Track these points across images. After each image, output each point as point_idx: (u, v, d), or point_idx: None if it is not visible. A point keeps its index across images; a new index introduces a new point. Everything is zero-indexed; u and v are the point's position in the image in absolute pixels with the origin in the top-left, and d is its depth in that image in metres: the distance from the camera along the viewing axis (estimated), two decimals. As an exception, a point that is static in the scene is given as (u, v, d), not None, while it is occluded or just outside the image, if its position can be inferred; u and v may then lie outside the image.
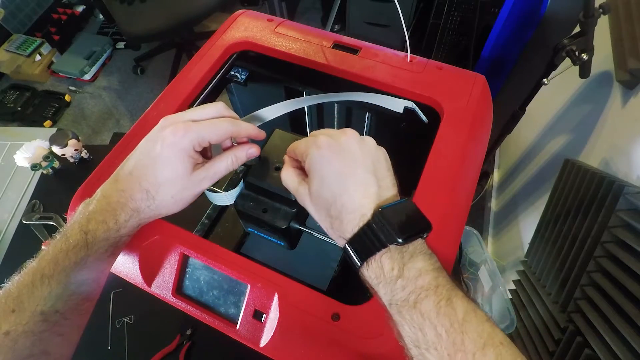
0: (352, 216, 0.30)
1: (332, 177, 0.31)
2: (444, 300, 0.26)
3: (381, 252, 0.28)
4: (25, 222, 0.78)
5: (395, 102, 0.47)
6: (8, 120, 1.88)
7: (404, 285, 0.27)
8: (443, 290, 0.26)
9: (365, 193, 0.30)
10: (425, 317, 0.26)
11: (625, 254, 0.59)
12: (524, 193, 1.18)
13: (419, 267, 0.28)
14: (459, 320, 0.25)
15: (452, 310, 0.25)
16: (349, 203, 0.30)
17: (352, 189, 0.30)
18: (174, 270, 0.39)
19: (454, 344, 0.24)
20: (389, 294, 0.28)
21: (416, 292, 0.26)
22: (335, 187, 0.31)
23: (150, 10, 1.62)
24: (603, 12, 0.68)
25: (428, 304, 0.26)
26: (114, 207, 0.33)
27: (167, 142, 0.33)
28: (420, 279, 0.27)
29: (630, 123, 0.72)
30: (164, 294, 0.40)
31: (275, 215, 0.40)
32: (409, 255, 0.28)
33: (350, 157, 0.32)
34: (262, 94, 0.66)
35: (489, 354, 0.24)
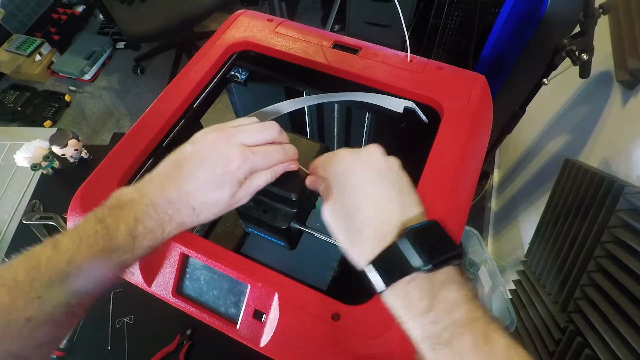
0: (374, 233, 0.28)
1: (354, 188, 0.29)
2: (481, 336, 0.24)
3: (407, 279, 0.26)
4: (25, 222, 0.78)
5: (395, 102, 0.47)
6: (8, 120, 1.88)
7: (435, 320, 0.25)
8: (479, 324, 0.24)
9: (391, 209, 0.28)
10: (461, 354, 0.24)
11: (625, 254, 0.59)
12: (524, 193, 1.18)
13: (452, 299, 0.25)
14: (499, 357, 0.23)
15: (491, 347, 0.23)
16: (371, 218, 0.28)
17: (375, 203, 0.28)
18: (174, 270, 0.39)
19: None
20: (418, 329, 0.25)
21: (450, 329, 0.24)
22: (357, 200, 0.29)
23: (150, 10, 1.62)
24: (603, 12, 0.68)
25: (464, 342, 0.24)
26: (162, 218, 0.33)
27: (223, 170, 0.33)
28: (455, 313, 0.24)
29: (630, 123, 0.72)
30: (164, 294, 0.40)
31: (275, 215, 0.40)
32: (440, 285, 0.25)
33: (374, 169, 0.30)
34: (262, 94, 0.66)
35: None
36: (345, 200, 0.29)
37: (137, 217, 0.31)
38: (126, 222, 0.31)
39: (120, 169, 0.43)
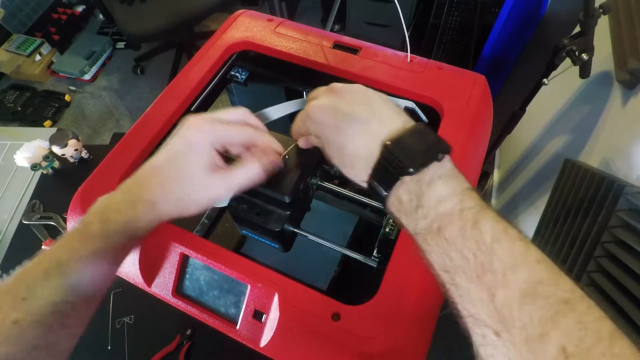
0: (362, 161, 0.30)
1: (332, 135, 0.32)
2: (470, 223, 0.25)
3: (396, 186, 0.28)
4: (25, 222, 0.78)
5: (395, 102, 0.47)
6: (8, 120, 1.88)
7: (425, 215, 0.26)
8: (469, 213, 0.25)
9: (368, 133, 0.30)
10: (450, 242, 0.25)
11: (625, 254, 0.59)
12: (524, 193, 1.18)
13: (439, 194, 0.26)
14: (486, 242, 0.24)
15: (479, 232, 0.24)
16: (355, 150, 0.30)
17: (353, 136, 0.30)
18: (174, 270, 0.39)
19: (482, 266, 0.23)
20: (412, 225, 0.27)
21: (438, 219, 0.26)
22: (339, 142, 0.31)
23: (150, 10, 1.62)
24: (603, 12, 0.68)
25: (452, 230, 0.25)
26: (132, 199, 0.33)
27: (188, 138, 0.33)
28: (442, 206, 0.26)
29: (630, 123, 0.72)
30: (164, 294, 0.40)
31: (268, 217, 0.40)
32: (427, 184, 0.27)
33: (340, 108, 0.32)
34: (262, 94, 0.66)
35: (520, 271, 0.23)
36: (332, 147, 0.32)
37: (108, 204, 0.32)
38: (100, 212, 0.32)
39: (120, 169, 0.43)
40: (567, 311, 0.21)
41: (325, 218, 0.65)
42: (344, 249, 0.43)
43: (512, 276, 0.23)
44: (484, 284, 0.23)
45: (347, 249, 0.43)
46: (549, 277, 0.23)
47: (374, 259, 0.42)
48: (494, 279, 0.23)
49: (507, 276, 0.23)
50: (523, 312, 0.22)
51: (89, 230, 0.31)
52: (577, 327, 0.21)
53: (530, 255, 0.24)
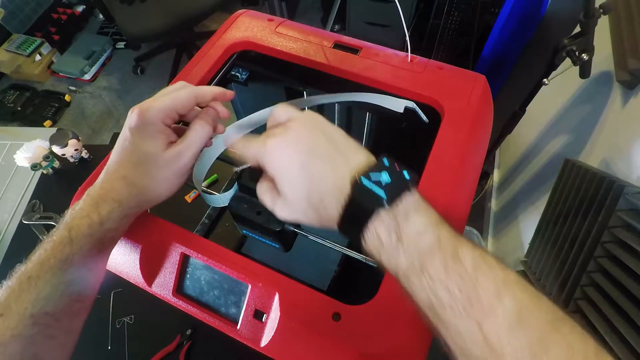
0: (332, 197, 0.28)
1: (295, 172, 0.29)
2: (450, 255, 0.24)
3: (372, 222, 0.26)
4: (25, 222, 0.78)
5: (395, 102, 0.47)
6: (8, 120, 1.88)
7: (405, 251, 0.25)
8: (447, 244, 0.25)
9: (334, 169, 0.28)
10: (434, 279, 0.24)
11: (625, 254, 0.59)
12: (524, 193, 1.18)
13: (417, 227, 0.26)
14: (469, 272, 0.24)
15: (461, 264, 0.24)
16: (324, 187, 0.28)
17: (320, 172, 0.28)
18: (175, 270, 0.39)
19: (468, 298, 0.23)
20: (393, 263, 0.26)
21: (419, 256, 0.25)
22: (304, 179, 0.29)
23: (150, 10, 1.62)
24: (603, 12, 0.68)
25: (435, 265, 0.24)
26: (96, 201, 0.33)
27: (134, 123, 0.33)
28: (421, 240, 0.25)
29: (630, 123, 0.72)
30: (165, 294, 0.40)
31: (269, 217, 0.40)
32: (403, 216, 0.26)
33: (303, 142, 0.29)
34: (263, 94, 0.66)
35: (504, 299, 0.23)
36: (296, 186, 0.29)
37: (74, 211, 0.32)
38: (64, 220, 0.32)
39: (120, 169, 0.43)
40: (554, 333, 0.22)
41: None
42: (344, 249, 0.43)
43: (497, 305, 0.23)
44: (471, 317, 0.23)
45: (347, 249, 0.43)
46: (531, 301, 0.23)
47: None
48: (481, 309, 0.23)
49: (493, 305, 0.23)
50: (512, 339, 0.22)
51: (54, 240, 0.31)
52: (564, 349, 0.21)
53: (510, 280, 0.24)
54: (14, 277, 0.30)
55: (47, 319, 0.30)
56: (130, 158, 0.34)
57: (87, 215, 0.32)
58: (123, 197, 0.34)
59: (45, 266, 0.30)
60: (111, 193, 0.33)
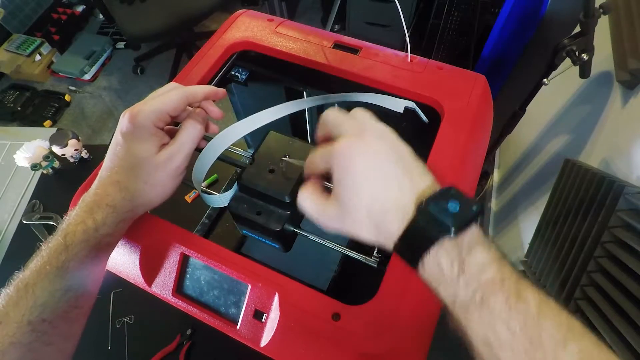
0: (393, 216, 0.27)
1: (363, 177, 0.28)
2: (514, 294, 0.24)
3: (435, 249, 0.25)
4: (25, 222, 0.78)
5: (395, 102, 0.47)
6: (8, 120, 1.88)
7: (467, 283, 0.25)
8: (510, 283, 0.24)
9: (401, 187, 0.28)
10: (495, 314, 0.23)
11: (625, 254, 0.59)
12: (524, 193, 1.18)
13: (481, 260, 0.25)
14: (533, 314, 0.23)
15: (524, 304, 0.23)
16: (387, 202, 0.28)
17: (386, 186, 0.28)
18: (174, 270, 0.39)
19: (531, 342, 0.22)
20: (451, 295, 0.25)
21: (482, 289, 0.24)
22: (371, 188, 0.28)
23: (150, 10, 1.62)
24: (603, 12, 0.68)
25: (497, 301, 0.24)
26: (90, 207, 0.33)
27: (125, 127, 0.33)
28: (484, 274, 0.25)
29: (630, 123, 0.72)
30: (164, 294, 0.40)
31: (269, 217, 0.40)
32: (467, 248, 0.25)
33: (374, 153, 0.29)
34: (263, 94, 0.66)
35: (571, 348, 0.22)
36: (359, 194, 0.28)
37: (69, 217, 0.33)
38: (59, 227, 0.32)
39: (120, 169, 0.43)
40: None
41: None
42: (344, 249, 0.43)
43: (562, 354, 0.22)
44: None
45: (347, 249, 0.43)
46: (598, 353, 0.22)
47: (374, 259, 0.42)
48: (544, 356, 0.22)
49: (557, 354, 0.22)
50: None
51: (49, 247, 0.31)
52: None
53: (576, 328, 0.23)
54: (12, 285, 0.30)
55: (44, 326, 0.30)
56: (123, 163, 0.34)
57: (82, 222, 0.32)
58: (117, 202, 0.34)
59: (42, 273, 0.30)
60: (105, 199, 0.33)
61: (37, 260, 0.31)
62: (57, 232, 0.32)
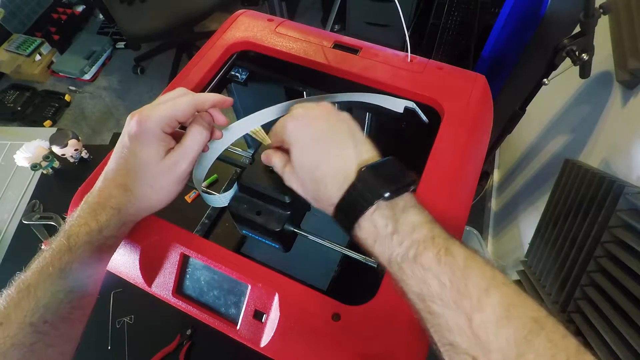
0: (335, 179, 0.30)
1: (310, 143, 0.31)
2: (443, 249, 0.26)
3: (371, 210, 0.28)
4: (25, 222, 0.78)
5: (395, 102, 0.47)
6: (8, 120, 1.88)
7: (400, 241, 0.27)
8: (440, 240, 0.26)
9: (345, 155, 0.30)
10: (426, 269, 0.25)
11: (625, 254, 0.59)
12: (524, 193, 1.18)
13: (413, 221, 0.27)
14: (460, 267, 0.25)
15: (453, 258, 0.25)
16: (330, 166, 0.30)
17: (331, 153, 0.31)
18: (174, 270, 0.39)
19: (458, 291, 0.24)
20: (387, 252, 0.27)
21: (414, 246, 0.26)
22: (315, 153, 0.31)
23: (150, 10, 1.62)
24: (603, 12, 0.68)
25: (428, 256, 0.25)
26: (94, 209, 0.33)
27: (134, 131, 0.33)
28: (416, 232, 0.27)
29: (630, 123, 0.72)
30: (164, 294, 0.40)
31: (268, 217, 0.40)
32: (401, 210, 0.28)
33: (326, 122, 0.32)
34: (263, 94, 0.66)
35: (493, 294, 0.24)
36: (305, 156, 0.31)
37: (73, 218, 0.32)
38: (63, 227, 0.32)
39: (120, 169, 0.43)
40: (538, 330, 0.22)
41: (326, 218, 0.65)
42: (344, 249, 0.43)
43: (486, 300, 0.24)
44: (460, 309, 0.24)
45: (347, 249, 0.43)
46: (518, 298, 0.24)
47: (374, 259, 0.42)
48: (470, 303, 0.24)
49: (481, 300, 0.24)
50: (499, 335, 0.22)
51: (52, 247, 0.31)
52: (549, 346, 0.22)
53: (498, 278, 0.25)
54: (13, 286, 0.30)
55: (46, 327, 0.30)
56: (129, 166, 0.34)
57: (85, 223, 0.32)
58: (122, 204, 0.34)
59: (44, 274, 0.30)
60: (110, 201, 0.33)
61: (39, 262, 0.31)
62: (59, 234, 0.32)
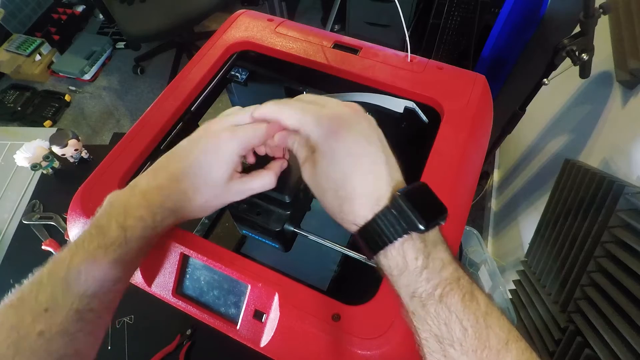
0: (365, 200, 0.28)
1: (341, 156, 0.28)
2: (468, 294, 0.25)
3: (402, 240, 0.26)
4: (25, 222, 0.78)
5: (395, 102, 0.47)
6: (8, 120, 1.88)
7: (429, 278, 0.25)
8: (464, 282, 0.26)
9: (379, 174, 0.28)
10: (452, 311, 0.25)
11: (625, 254, 0.59)
12: (524, 193, 1.18)
13: (442, 257, 0.26)
14: (482, 314, 0.24)
15: (477, 304, 0.25)
16: (362, 185, 0.28)
17: (365, 169, 0.28)
18: (174, 270, 0.39)
19: (479, 340, 0.24)
20: (411, 287, 0.26)
21: (442, 285, 0.25)
22: (347, 167, 0.28)
23: (150, 10, 1.62)
24: (603, 12, 0.68)
25: (454, 298, 0.25)
26: (151, 204, 0.32)
27: (214, 146, 0.33)
28: (444, 271, 0.26)
29: (630, 123, 0.72)
30: (164, 294, 0.40)
31: (269, 217, 0.40)
32: (432, 244, 0.26)
33: (359, 132, 0.29)
34: (263, 94, 0.66)
35: (511, 349, 0.24)
36: (335, 168, 0.29)
37: (126, 209, 0.32)
38: (116, 216, 0.31)
39: (120, 169, 0.43)
40: None
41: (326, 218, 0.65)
42: (344, 249, 0.43)
43: (505, 354, 0.24)
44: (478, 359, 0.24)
45: (347, 249, 0.43)
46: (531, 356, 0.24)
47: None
48: (489, 354, 0.24)
49: (500, 353, 0.24)
50: None
51: (108, 236, 0.30)
52: None
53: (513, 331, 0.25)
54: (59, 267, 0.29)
55: (91, 316, 0.29)
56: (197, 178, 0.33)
57: (142, 218, 0.32)
58: (177, 209, 0.34)
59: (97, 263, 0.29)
60: (167, 202, 0.33)
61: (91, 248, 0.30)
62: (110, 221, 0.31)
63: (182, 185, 0.33)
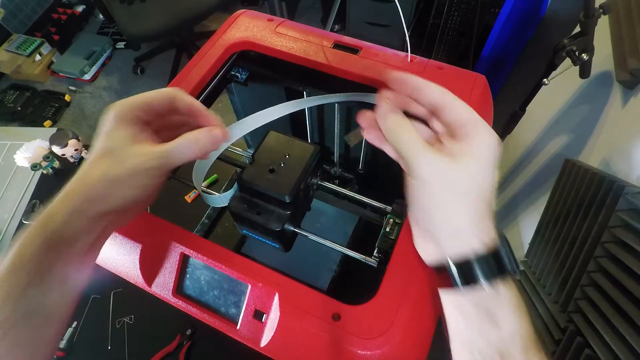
0: (479, 232, 0.27)
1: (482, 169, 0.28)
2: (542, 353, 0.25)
3: (487, 284, 0.26)
4: (25, 222, 0.78)
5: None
6: (8, 120, 1.88)
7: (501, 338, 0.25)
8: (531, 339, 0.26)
9: (476, 208, 0.28)
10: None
11: (625, 254, 0.59)
12: (524, 193, 1.18)
13: (515, 320, 0.26)
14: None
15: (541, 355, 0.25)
16: (460, 218, 0.28)
17: (487, 197, 0.28)
18: (174, 270, 0.39)
19: None
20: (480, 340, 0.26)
21: (524, 338, 0.26)
22: (481, 185, 0.28)
23: (150, 10, 1.62)
24: (603, 12, 0.68)
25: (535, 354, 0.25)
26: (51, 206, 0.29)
27: (108, 115, 0.33)
28: (516, 338, 0.25)
29: (630, 123, 0.72)
30: (164, 294, 0.40)
31: (269, 217, 0.40)
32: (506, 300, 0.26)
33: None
34: (263, 93, 0.66)
35: None
36: (446, 192, 0.28)
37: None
38: None
39: (120, 169, 0.43)
40: None
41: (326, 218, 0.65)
42: (344, 249, 0.43)
43: None
44: None
45: (347, 249, 0.43)
46: None
47: (374, 259, 0.42)
48: None
49: None
50: None
51: None
52: None
53: None
54: None
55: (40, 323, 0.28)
56: (99, 145, 0.32)
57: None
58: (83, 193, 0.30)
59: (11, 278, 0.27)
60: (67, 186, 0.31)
61: None
62: None
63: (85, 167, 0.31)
